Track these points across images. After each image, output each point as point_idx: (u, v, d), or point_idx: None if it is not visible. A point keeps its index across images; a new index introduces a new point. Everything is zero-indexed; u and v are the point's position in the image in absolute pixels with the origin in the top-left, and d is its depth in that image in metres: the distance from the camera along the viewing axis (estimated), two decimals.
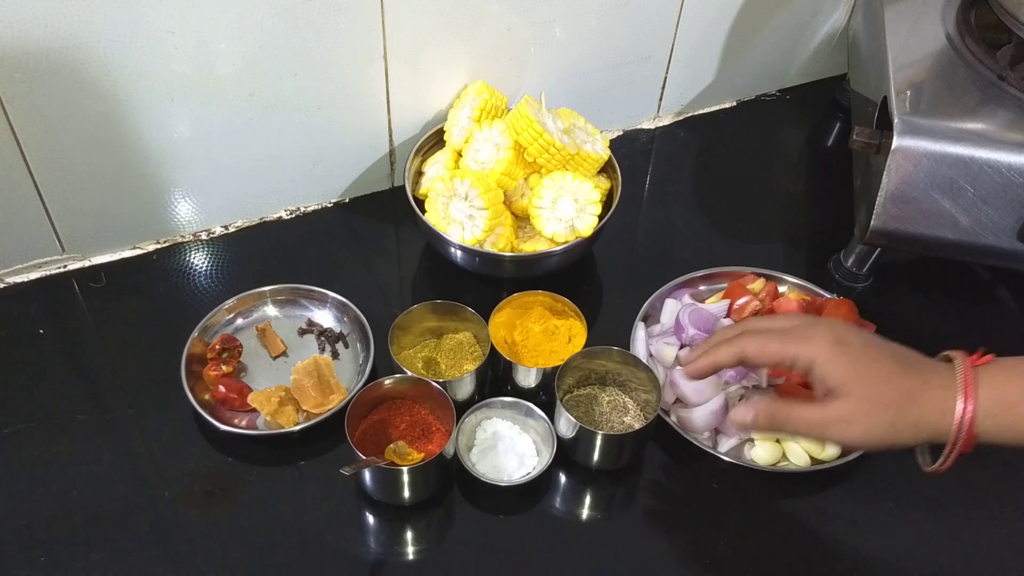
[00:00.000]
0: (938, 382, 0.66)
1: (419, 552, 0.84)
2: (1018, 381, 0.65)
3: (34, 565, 0.80)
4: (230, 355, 0.93)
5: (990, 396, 0.64)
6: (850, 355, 0.67)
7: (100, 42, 0.85)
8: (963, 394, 0.64)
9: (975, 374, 0.65)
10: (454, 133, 1.05)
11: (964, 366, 0.66)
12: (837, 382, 0.66)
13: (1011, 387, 0.64)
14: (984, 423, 0.64)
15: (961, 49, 0.97)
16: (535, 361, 0.94)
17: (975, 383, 0.65)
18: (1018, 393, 0.64)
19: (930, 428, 0.66)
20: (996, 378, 0.65)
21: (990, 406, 0.64)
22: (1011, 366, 0.66)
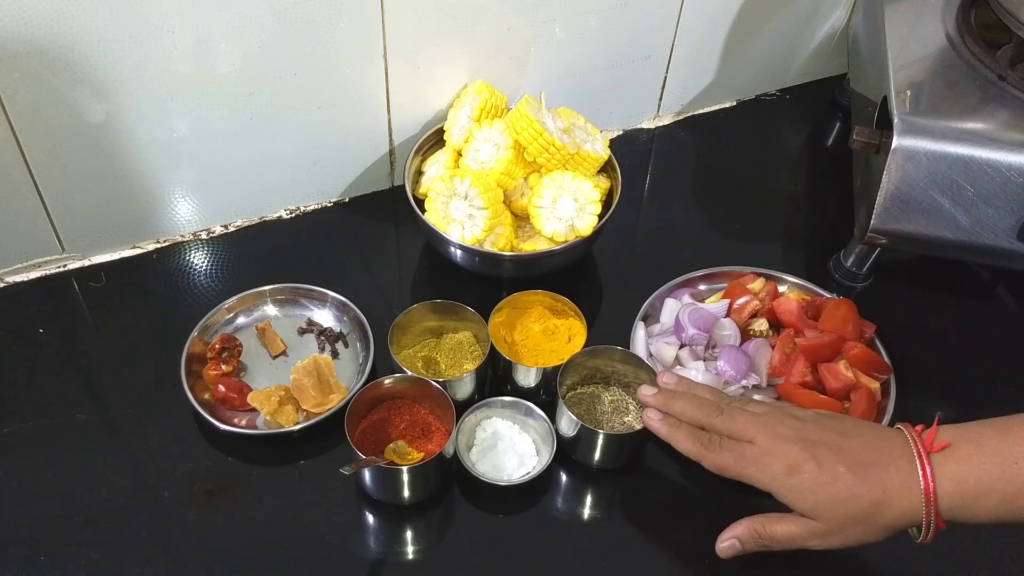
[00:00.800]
0: (898, 482, 0.67)
1: (419, 552, 0.84)
2: (976, 473, 0.66)
3: (34, 565, 0.80)
4: (230, 354, 0.93)
5: (950, 492, 0.66)
6: (806, 484, 0.69)
7: (100, 41, 0.85)
8: (924, 500, 0.66)
9: (932, 468, 0.66)
10: (454, 133, 1.05)
11: (921, 462, 0.67)
12: (803, 511, 0.70)
13: (970, 481, 0.66)
14: (950, 515, 0.67)
15: (961, 49, 0.97)
16: (535, 361, 0.94)
17: (934, 480, 0.66)
18: (976, 486, 0.65)
19: (901, 525, 0.69)
20: (954, 471, 0.66)
21: (951, 502, 0.66)
22: (967, 454, 0.67)
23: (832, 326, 0.94)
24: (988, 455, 0.66)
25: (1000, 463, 0.65)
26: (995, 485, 0.65)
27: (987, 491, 0.65)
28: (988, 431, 0.68)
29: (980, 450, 0.66)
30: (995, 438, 0.67)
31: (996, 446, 0.66)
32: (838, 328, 0.94)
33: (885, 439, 0.70)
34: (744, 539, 0.74)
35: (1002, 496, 0.65)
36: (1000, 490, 0.65)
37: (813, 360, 0.92)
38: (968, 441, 0.67)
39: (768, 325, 0.96)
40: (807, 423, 0.73)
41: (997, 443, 0.66)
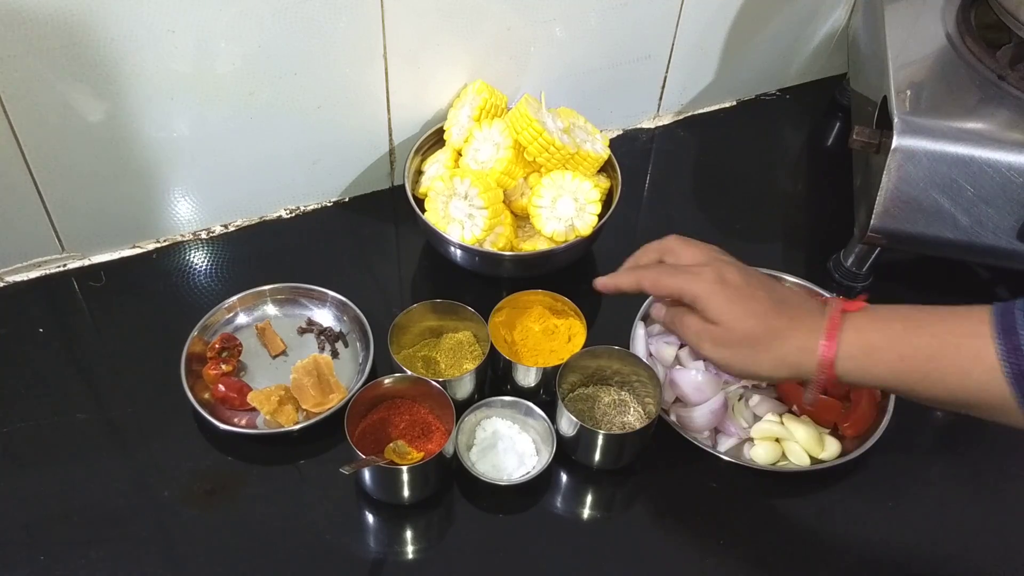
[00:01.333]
0: (806, 324, 0.70)
1: (419, 551, 0.84)
2: (881, 327, 0.68)
3: (34, 564, 0.80)
4: (230, 354, 0.93)
5: (852, 340, 0.68)
6: (729, 293, 0.72)
7: (100, 41, 0.85)
8: (826, 337, 0.69)
9: (842, 319, 0.69)
10: (454, 132, 1.05)
11: (833, 310, 0.70)
12: (714, 315, 0.72)
13: (874, 333, 0.68)
14: (844, 365, 0.68)
15: (961, 49, 0.97)
16: (535, 360, 0.94)
17: (840, 327, 0.69)
18: (879, 338, 0.68)
19: (790, 365, 0.71)
20: (861, 323, 0.69)
21: (851, 350, 0.68)
22: (878, 313, 0.70)
23: None
24: (894, 315, 0.69)
25: (903, 322, 0.68)
26: (895, 342, 0.67)
27: (887, 344, 0.67)
28: (897, 310, 0.70)
29: (888, 311, 0.70)
30: (904, 308, 0.70)
31: (903, 311, 0.69)
32: None
33: (812, 296, 0.74)
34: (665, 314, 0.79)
35: (899, 354, 0.67)
36: (898, 348, 0.67)
37: None
38: (878, 310, 0.70)
39: None
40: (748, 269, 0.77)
41: (905, 310, 0.69)
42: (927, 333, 0.67)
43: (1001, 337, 0.63)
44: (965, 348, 0.65)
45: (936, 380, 0.66)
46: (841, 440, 0.89)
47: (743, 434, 0.90)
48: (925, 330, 0.67)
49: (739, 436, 0.90)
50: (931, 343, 0.66)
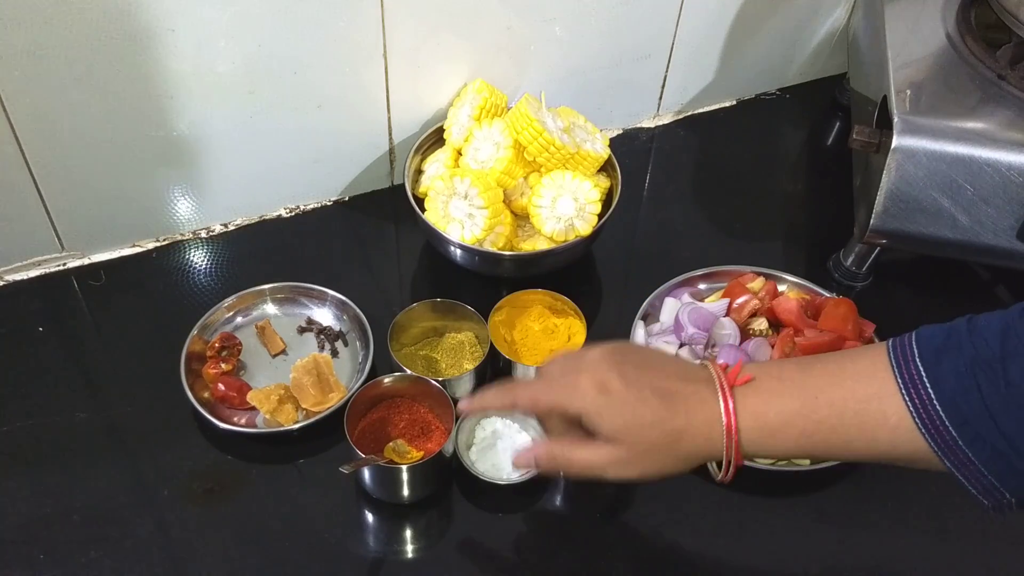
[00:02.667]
0: (702, 416, 0.66)
1: (418, 550, 0.84)
2: (776, 406, 0.65)
3: (33, 563, 0.80)
4: (229, 353, 0.93)
5: (751, 426, 0.65)
6: (614, 404, 0.66)
7: (100, 40, 0.85)
8: (725, 430, 0.65)
9: (736, 402, 0.65)
10: (454, 132, 1.05)
11: (723, 395, 0.66)
12: (607, 432, 0.66)
13: (771, 415, 0.65)
14: (749, 448, 0.66)
15: (961, 48, 0.97)
16: (534, 360, 0.94)
17: (735, 412, 0.65)
18: (777, 420, 0.64)
19: (700, 457, 0.67)
20: (755, 406, 0.65)
21: (751, 435, 0.65)
22: (770, 388, 0.66)
23: (832, 325, 0.94)
24: (789, 389, 0.65)
25: (800, 396, 0.64)
26: (794, 419, 0.64)
27: (786, 424, 0.64)
28: (789, 367, 0.67)
29: (781, 384, 0.66)
30: (796, 373, 0.66)
31: (797, 380, 0.65)
32: (838, 327, 0.94)
33: (690, 370, 0.69)
34: (541, 460, 0.71)
35: (801, 430, 0.64)
36: (799, 424, 0.64)
37: None
38: (770, 376, 0.66)
39: (768, 324, 0.96)
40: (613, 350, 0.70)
41: (798, 377, 0.65)
42: (824, 404, 0.63)
43: (906, 391, 0.61)
44: (867, 413, 0.62)
45: (843, 447, 0.64)
46: None
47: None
48: (822, 400, 0.63)
49: None
50: (830, 415, 0.63)
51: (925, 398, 0.60)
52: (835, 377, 0.64)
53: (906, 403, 0.60)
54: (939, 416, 0.59)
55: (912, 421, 0.60)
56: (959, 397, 0.58)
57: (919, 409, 0.60)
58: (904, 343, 0.63)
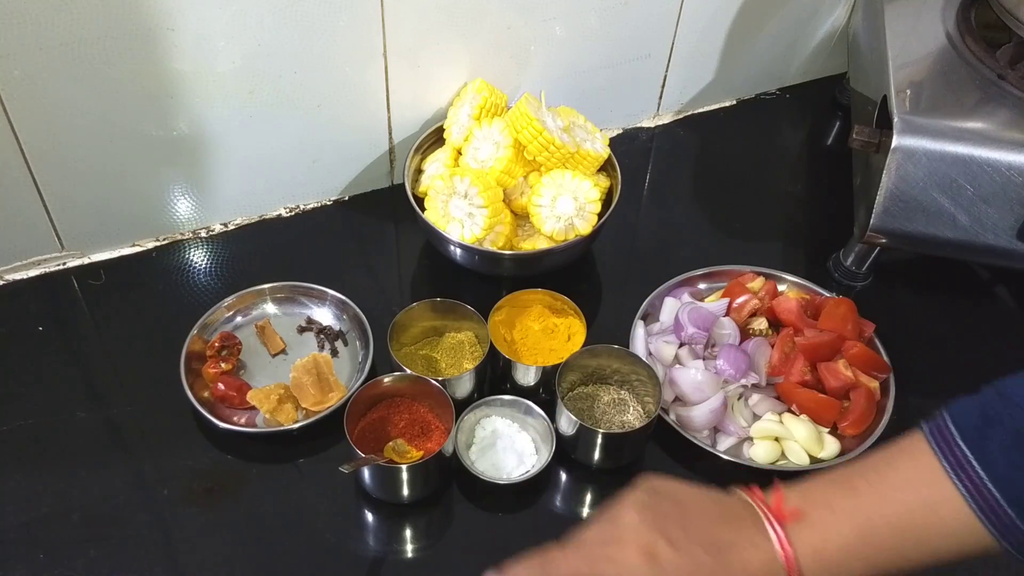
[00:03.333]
0: (757, 563, 0.61)
1: (418, 550, 0.84)
2: (835, 541, 0.61)
3: (33, 562, 0.80)
4: (229, 353, 0.93)
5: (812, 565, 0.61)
6: (664, 568, 0.61)
7: (100, 39, 0.85)
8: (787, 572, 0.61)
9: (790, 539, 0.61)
10: (454, 131, 1.05)
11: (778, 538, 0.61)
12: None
13: (830, 550, 0.61)
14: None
15: (961, 48, 0.97)
16: (534, 359, 0.94)
17: (796, 556, 0.61)
18: (838, 554, 0.61)
19: None
20: (813, 542, 0.61)
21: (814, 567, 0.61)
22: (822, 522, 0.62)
23: (831, 325, 0.94)
24: (843, 519, 0.62)
25: (856, 525, 0.61)
26: (856, 550, 0.61)
27: (848, 557, 0.61)
28: (835, 492, 0.63)
29: (834, 516, 0.62)
30: (845, 499, 0.63)
31: (848, 508, 0.62)
32: (837, 327, 0.94)
33: (731, 508, 0.64)
34: None
35: (864, 559, 0.61)
36: (862, 554, 0.61)
37: (812, 359, 0.92)
38: (819, 507, 0.62)
39: (768, 324, 0.96)
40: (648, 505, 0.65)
41: (849, 504, 0.62)
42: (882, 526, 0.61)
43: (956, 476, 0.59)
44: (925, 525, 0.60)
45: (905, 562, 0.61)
46: (840, 439, 0.89)
47: (742, 433, 0.90)
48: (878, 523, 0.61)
49: (738, 435, 0.90)
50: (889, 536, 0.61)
51: (977, 481, 0.58)
52: (883, 493, 0.62)
53: (958, 488, 0.59)
54: (993, 497, 0.58)
55: (968, 509, 0.58)
56: (1012, 473, 0.57)
57: (973, 493, 0.58)
58: (941, 427, 0.61)
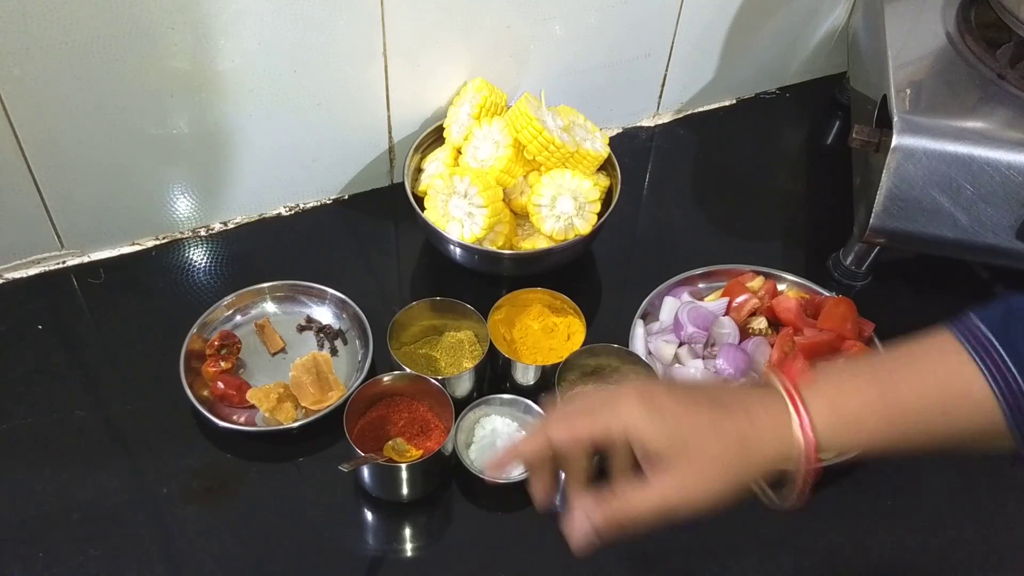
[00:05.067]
0: (767, 417, 0.58)
1: (418, 549, 0.84)
2: (854, 395, 0.59)
3: (33, 562, 0.80)
4: (229, 351, 0.93)
5: (827, 418, 0.58)
6: (664, 413, 0.58)
7: (100, 38, 0.85)
8: (798, 418, 0.57)
9: (803, 396, 0.58)
10: (453, 130, 1.05)
11: (788, 390, 0.59)
12: (659, 447, 0.57)
13: (848, 403, 0.58)
14: (826, 444, 0.58)
15: (961, 47, 0.97)
16: (534, 358, 0.94)
17: (805, 405, 0.58)
18: (856, 407, 0.58)
19: (774, 461, 0.59)
20: (831, 395, 0.59)
21: (829, 430, 0.58)
22: (840, 378, 0.60)
23: (831, 325, 0.94)
24: (863, 377, 0.60)
25: (877, 382, 0.59)
26: (875, 405, 0.58)
27: (868, 413, 0.58)
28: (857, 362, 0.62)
29: (853, 375, 0.60)
30: (864, 365, 0.61)
31: (868, 370, 0.60)
32: (837, 327, 0.94)
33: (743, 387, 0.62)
34: (599, 524, 0.60)
35: (882, 416, 0.58)
36: (881, 411, 0.58)
37: (812, 358, 0.92)
38: (838, 371, 0.61)
39: (767, 323, 0.96)
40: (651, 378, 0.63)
41: (868, 368, 0.60)
42: (904, 387, 0.58)
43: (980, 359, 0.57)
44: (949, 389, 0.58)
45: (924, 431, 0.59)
46: None
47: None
48: (900, 383, 0.59)
49: None
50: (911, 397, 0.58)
51: (1001, 364, 0.56)
52: (907, 362, 0.60)
53: (982, 371, 0.56)
54: (1016, 381, 0.56)
55: (990, 390, 0.56)
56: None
57: (995, 375, 0.56)
58: (964, 322, 0.59)
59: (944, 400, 0.58)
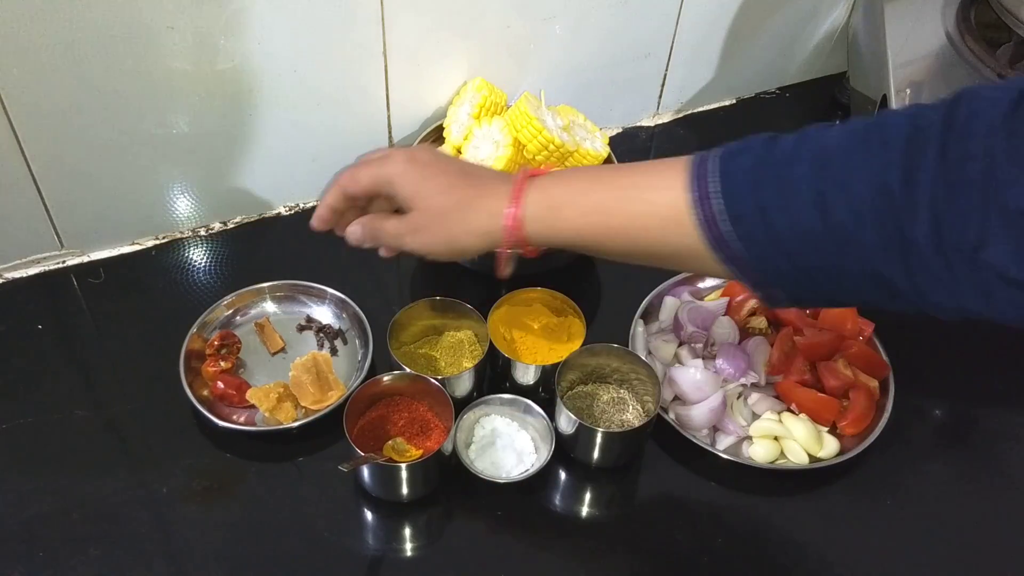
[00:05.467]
0: (494, 191, 0.70)
1: (417, 549, 0.84)
2: (563, 185, 0.69)
3: (33, 561, 0.80)
4: (229, 351, 0.93)
5: (536, 200, 0.69)
6: (419, 171, 0.72)
7: (100, 38, 0.85)
8: (511, 199, 0.69)
9: (528, 183, 0.70)
10: (453, 130, 1.05)
11: (519, 176, 0.70)
12: (407, 195, 0.72)
13: (556, 190, 0.69)
14: (531, 226, 0.69)
15: (961, 47, 0.97)
16: (534, 358, 0.94)
17: (525, 190, 0.69)
18: (561, 195, 0.69)
19: (482, 233, 0.71)
20: (547, 184, 0.70)
21: (535, 209, 0.69)
22: (565, 174, 0.71)
23: (831, 324, 0.94)
24: (580, 174, 0.71)
25: (587, 179, 0.69)
26: (575, 198, 0.68)
27: (568, 203, 0.68)
28: (599, 167, 0.72)
29: (571, 174, 0.71)
30: (599, 169, 0.72)
31: (592, 171, 0.72)
32: (837, 326, 0.94)
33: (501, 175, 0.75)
34: (358, 230, 0.76)
35: (580, 209, 0.68)
36: (580, 203, 0.68)
37: (812, 358, 0.92)
38: (575, 169, 0.73)
39: (767, 323, 0.96)
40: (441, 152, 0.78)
41: (595, 170, 0.71)
42: (612, 187, 0.67)
43: (692, 184, 0.62)
44: (647, 200, 0.65)
45: (616, 232, 0.67)
46: (840, 438, 0.89)
47: (742, 432, 0.90)
48: (610, 184, 0.67)
49: (738, 434, 0.90)
50: (612, 195, 0.67)
51: (707, 192, 0.61)
52: (631, 170, 0.68)
53: (688, 197, 0.62)
54: (719, 211, 0.61)
55: (690, 216, 0.62)
56: (739, 189, 0.60)
57: (701, 202, 0.61)
58: (705, 153, 0.63)
59: (633, 209, 0.65)
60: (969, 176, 0.52)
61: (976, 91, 0.55)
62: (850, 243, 0.56)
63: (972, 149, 0.52)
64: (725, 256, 0.62)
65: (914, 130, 0.55)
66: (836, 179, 0.57)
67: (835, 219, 0.56)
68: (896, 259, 0.55)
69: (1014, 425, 0.95)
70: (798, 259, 0.59)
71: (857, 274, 0.58)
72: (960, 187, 0.52)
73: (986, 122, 0.52)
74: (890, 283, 0.57)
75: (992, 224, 0.51)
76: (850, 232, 0.56)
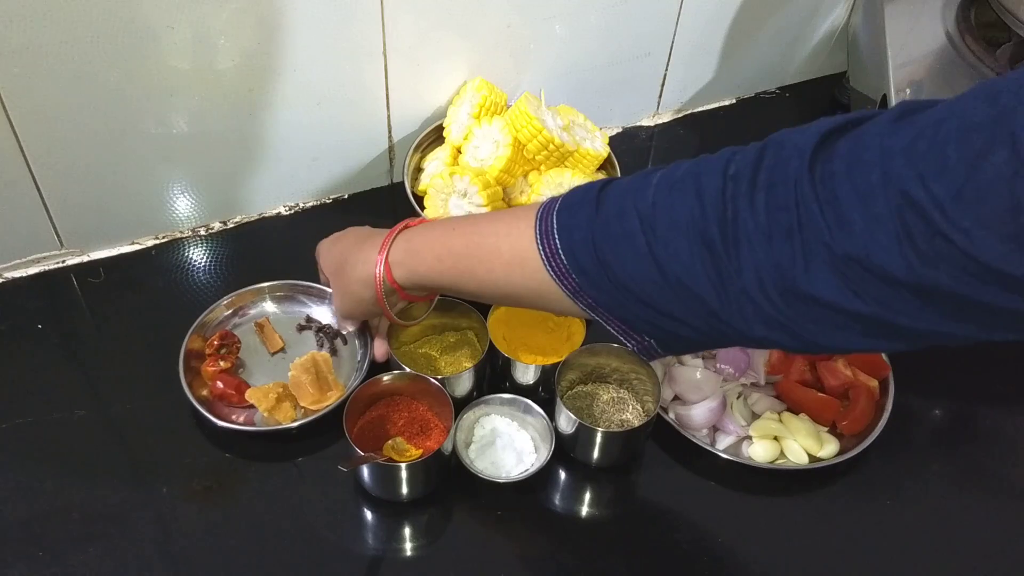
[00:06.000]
0: (372, 244, 0.78)
1: (417, 548, 0.84)
2: (424, 233, 0.76)
3: (33, 560, 0.80)
4: (228, 351, 0.93)
5: (400, 247, 0.76)
6: (328, 242, 0.87)
7: (99, 37, 0.85)
8: (381, 247, 0.77)
9: (400, 234, 0.77)
10: (453, 130, 1.05)
11: (392, 230, 0.78)
12: (321, 263, 0.89)
13: (417, 238, 0.76)
14: (397, 271, 0.76)
15: (961, 47, 0.97)
16: (533, 358, 0.94)
17: (392, 239, 0.77)
18: (420, 242, 0.75)
19: (364, 279, 0.78)
20: (410, 234, 0.77)
21: (397, 254, 0.76)
22: (428, 223, 0.78)
23: None
24: (436, 227, 0.76)
25: (440, 231, 0.75)
26: (431, 244, 0.74)
27: (424, 248, 0.75)
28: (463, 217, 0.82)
29: (435, 223, 0.77)
30: (448, 220, 0.77)
31: (445, 223, 0.76)
32: None
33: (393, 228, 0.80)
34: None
35: (435, 254, 0.74)
36: (435, 248, 0.74)
37: (812, 358, 0.92)
38: (439, 220, 0.78)
39: None
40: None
41: (447, 222, 0.76)
42: (463, 233, 0.72)
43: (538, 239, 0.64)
44: (490, 245, 0.69)
45: (469, 275, 0.71)
46: (839, 438, 0.89)
47: (742, 432, 0.90)
48: (463, 231, 0.72)
49: (738, 434, 0.90)
50: (463, 241, 0.71)
51: (554, 248, 0.63)
52: (486, 220, 0.74)
53: (541, 252, 0.64)
54: (565, 265, 0.63)
55: (542, 266, 0.64)
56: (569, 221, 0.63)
57: (551, 258, 0.64)
58: (551, 203, 0.66)
59: (482, 254, 0.70)
60: (783, 225, 0.52)
61: (781, 140, 0.57)
62: (692, 297, 0.57)
63: (782, 199, 0.53)
64: (585, 304, 0.64)
65: (725, 181, 0.56)
66: (661, 237, 0.58)
67: (672, 274, 0.57)
68: (734, 309, 0.56)
69: (1013, 425, 0.95)
70: (657, 305, 0.59)
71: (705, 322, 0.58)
72: (777, 238, 0.53)
73: (792, 171, 0.53)
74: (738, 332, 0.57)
75: (816, 267, 0.51)
76: (689, 286, 0.57)
